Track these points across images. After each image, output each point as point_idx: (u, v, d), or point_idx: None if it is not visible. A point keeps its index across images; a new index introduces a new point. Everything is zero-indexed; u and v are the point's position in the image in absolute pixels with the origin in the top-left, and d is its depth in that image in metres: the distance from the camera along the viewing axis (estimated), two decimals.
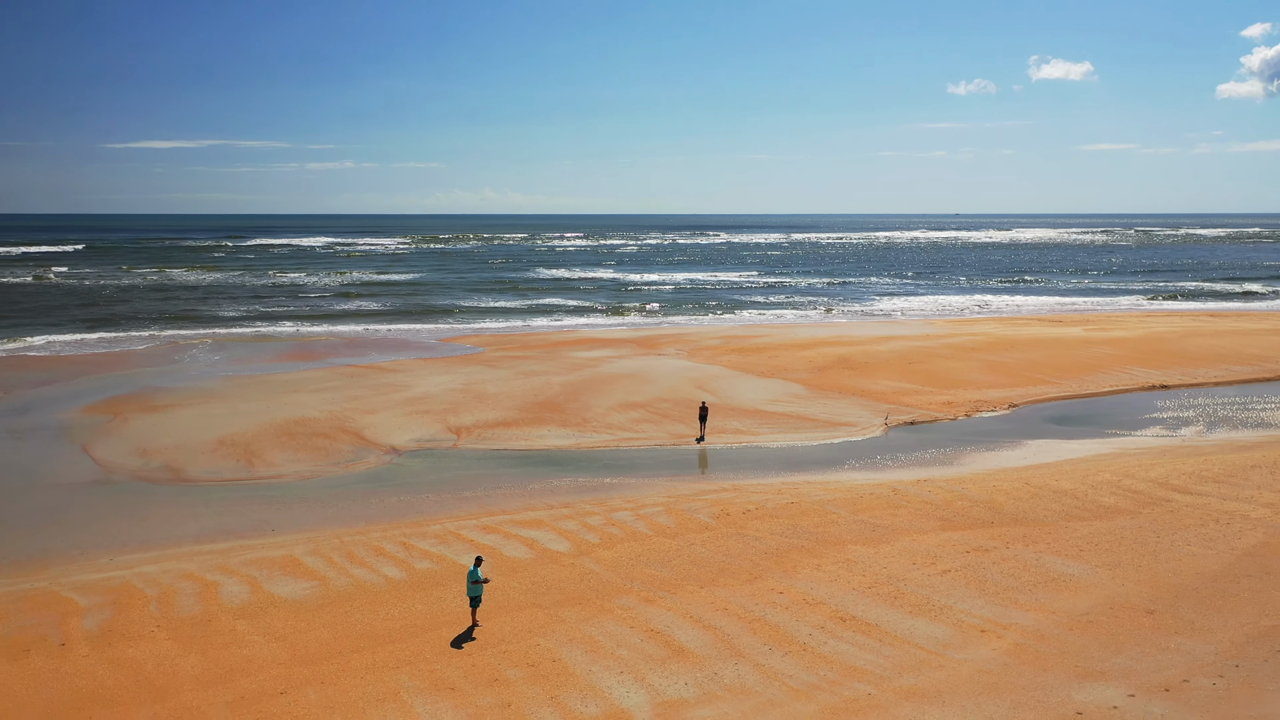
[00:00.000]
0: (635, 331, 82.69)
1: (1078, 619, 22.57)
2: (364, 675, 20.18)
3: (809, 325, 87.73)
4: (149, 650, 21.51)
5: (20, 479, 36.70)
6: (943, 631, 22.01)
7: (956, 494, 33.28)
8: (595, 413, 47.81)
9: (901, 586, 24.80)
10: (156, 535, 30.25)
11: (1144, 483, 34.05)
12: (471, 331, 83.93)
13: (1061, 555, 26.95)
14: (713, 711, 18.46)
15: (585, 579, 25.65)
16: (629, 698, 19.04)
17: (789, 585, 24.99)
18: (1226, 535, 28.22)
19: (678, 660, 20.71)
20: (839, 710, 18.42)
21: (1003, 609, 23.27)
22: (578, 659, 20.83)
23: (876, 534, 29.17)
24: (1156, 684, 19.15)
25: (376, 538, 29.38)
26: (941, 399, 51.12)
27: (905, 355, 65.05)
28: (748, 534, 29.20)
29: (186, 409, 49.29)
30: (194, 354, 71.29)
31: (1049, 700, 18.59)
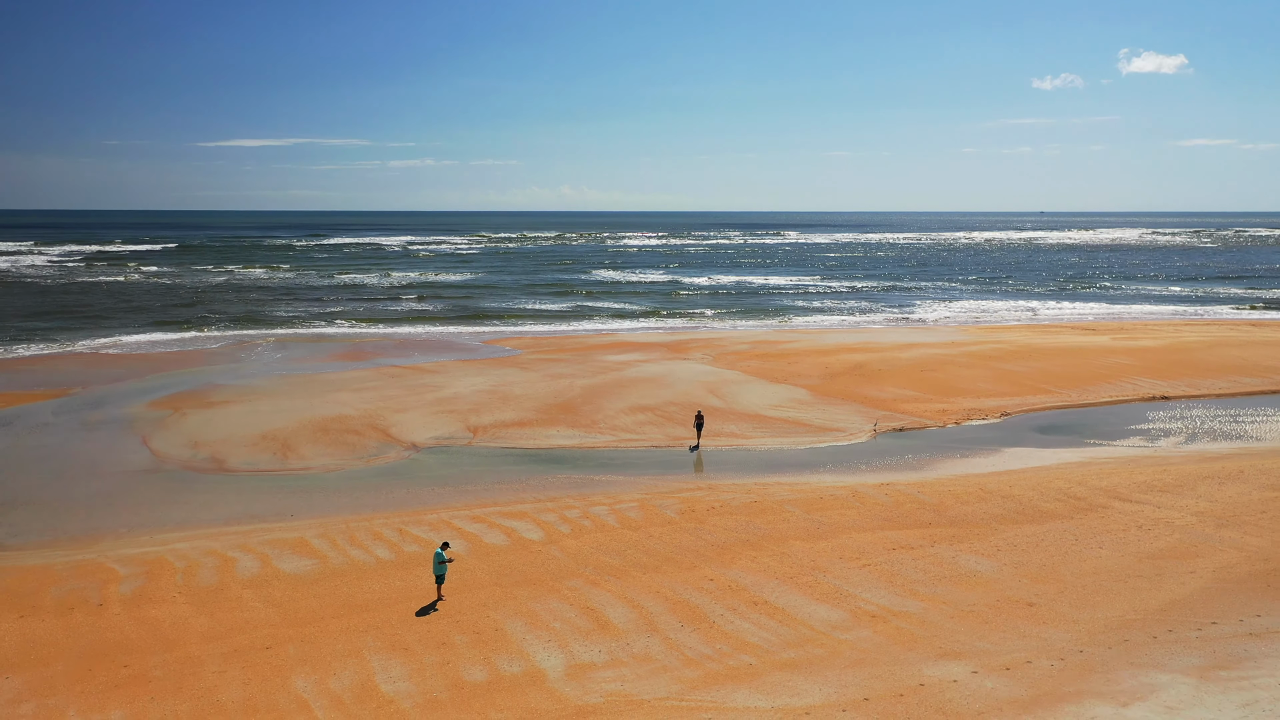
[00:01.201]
0: (672, 335, 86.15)
1: (962, 609, 25.58)
2: (336, 636, 24.25)
3: (840, 331, 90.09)
4: (168, 611, 25.92)
5: (86, 466, 41.85)
6: (838, 616, 25.23)
7: (910, 496, 36.18)
8: (605, 415, 51.47)
9: (819, 577, 28.02)
10: (193, 517, 34.88)
11: (1091, 490, 36.50)
12: (514, 334, 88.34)
13: (978, 554, 29.82)
14: (613, 673, 22.05)
15: (546, 564, 29.39)
16: (548, 660, 22.74)
17: (721, 574, 28.39)
18: (1140, 540, 30.75)
19: (600, 632, 24.34)
20: (719, 675, 21.86)
21: (900, 599, 26.36)
22: (517, 629, 24.60)
23: (820, 531, 32.33)
24: (1000, 664, 22.16)
25: (379, 524, 33.54)
26: (938, 406, 53.60)
27: (921, 363, 67.34)
28: (704, 528, 32.59)
29: (238, 405, 54.36)
30: (257, 353, 76.98)
31: (900, 674, 21.75)
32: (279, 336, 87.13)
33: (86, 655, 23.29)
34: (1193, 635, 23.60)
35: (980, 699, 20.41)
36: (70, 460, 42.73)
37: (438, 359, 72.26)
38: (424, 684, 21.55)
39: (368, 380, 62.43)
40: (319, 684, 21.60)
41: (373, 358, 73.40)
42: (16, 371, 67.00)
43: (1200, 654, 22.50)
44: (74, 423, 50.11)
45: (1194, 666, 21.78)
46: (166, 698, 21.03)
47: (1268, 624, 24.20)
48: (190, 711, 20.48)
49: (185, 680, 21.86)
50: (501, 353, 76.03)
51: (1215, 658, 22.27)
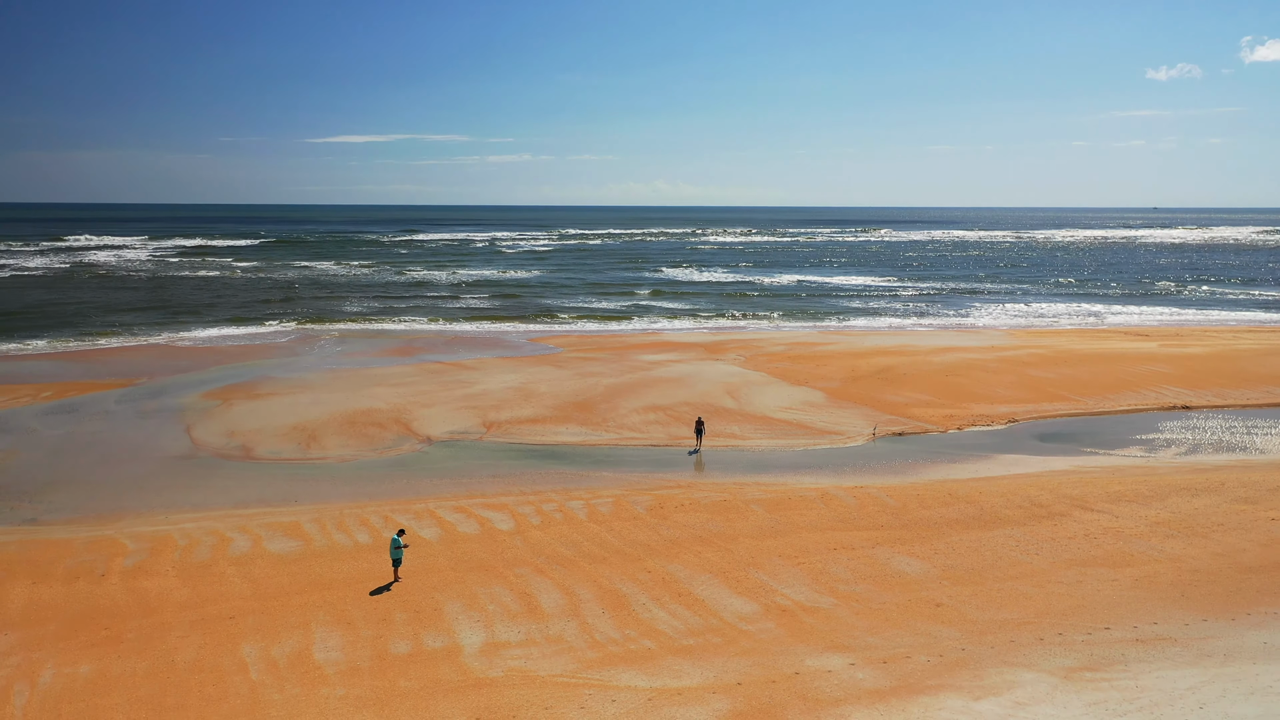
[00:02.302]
0: (715, 336, 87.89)
1: (871, 607, 27.16)
2: (294, 610, 27.16)
3: (883, 334, 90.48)
4: (157, 583, 29.23)
5: (130, 451, 46.00)
6: (751, 609, 27.08)
7: (876, 499, 37.58)
8: (619, 413, 53.73)
9: (750, 572, 29.85)
10: (209, 501, 38.42)
11: (1058, 498, 37.34)
12: (561, 333, 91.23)
13: (914, 556, 31.23)
14: (522, 652, 24.39)
15: (505, 552, 31.87)
16: (469, 638, 25.20)
17: (661, 566, 30.45)
18: (1079, 547, 31.70)
19: (527, 615, 26.71)
20: (616, 657, 24.00)
21: (817, 595, 28.05)
22: (454, 609, 27.14)
23: (774, 530, 34.06)
24: (880, 658, 23.78)
25: (369, 511, 36.50)
26: (947, 412, 54.38)
27: (950, 367, 67.80)
28: (665, 524, 34.64)
29: (282, 397, 58.34)
30: (318, 347, 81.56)
31: (782, 663, 23.56)
32: (342, 331, 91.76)
33: (76, 618, 26.66)
34: (1080, 639, 24.76)
35: (844, 688, 22.11)
36: (118, 445, 46.95)
37: (480, 356, 75.50)
38: (352, 654, 24.23)
39: (408, 376, 65.91)
40: (263, 650, 24.47)
41: (420, 353, 77.06)
42: (95, 362, 72.63)
43: (1077, 656, 23.70)
44: (131, 411, 54.64)
45: (1063, 667, 23.04)
46: (130, 656, 24.17)
47: (1160, 631, 25.19)
48: (146, 668, 23.54)
49: (151, 642, 25.00)
50: (543, 350, 78.91)
51: (1089, 660, 23.46)
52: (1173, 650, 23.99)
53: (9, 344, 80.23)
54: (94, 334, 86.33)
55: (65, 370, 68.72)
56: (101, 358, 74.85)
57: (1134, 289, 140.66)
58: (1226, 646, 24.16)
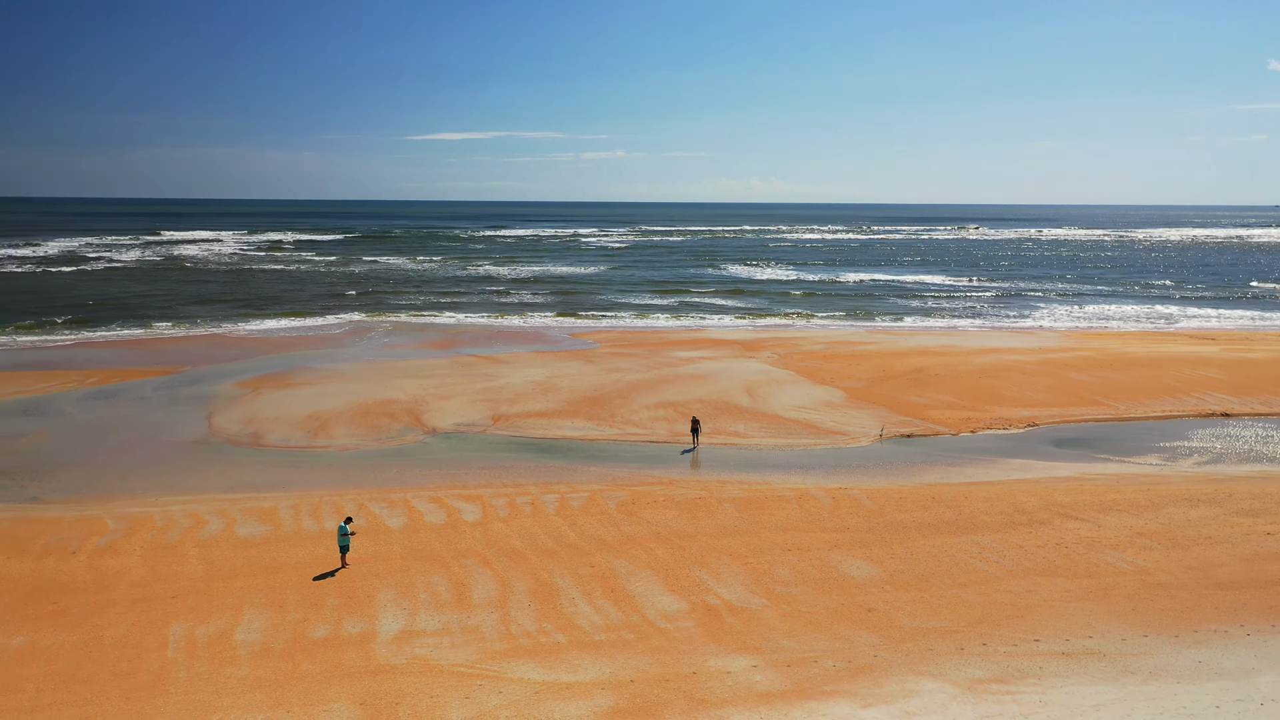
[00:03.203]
0: (757, 333, 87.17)
1: (800, 610, 26.70)
2: (235, 592, 27.99)
3: (930, 334, 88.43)
4: (121, 562, 30.44)
5: (149, 435, 47.93)
6: (677, 607, 26.89)
7: (855, 501, 36.87)
8: (630, 409, 53.76)
9: (694, 570, 29.62)
10: (204, 484, 39.80)
11: (1046, 505, 36.08)
12: (605, 328, 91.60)
13: (869, 560, 30.56)
14: (434, 640, 24.69)
15: (459, 542, 32.25)
16: (388, 625, 25.63)
17: (606, 562, 30.44)
18: (1046, 556, 30.61)
19: (454, 605, 27.01)
20: (522, 650, 24.12)
21: (750, 596, 27.69)
22: (387, 597, 27.61)
23: (737, 529, 33.71)
24: (786, 660, 23.38)
25: (348, 499, 37.33)
26: (965, 414, 52.95)
27: (986, 369, 66.00)
28: (630, 520, 34.59)
29: (310, 387, 59.99)
30: (367, 338, 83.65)
31: (684, 662, 23.36)
32: (393, 324, 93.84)
33: (32, 592, 27.97)
34: (1003, 650, 23.94)
35: (735, 690, 21.83)
36: (139, 429, 48.95)
37: (515, 350, 76.37)
38: (271, 636, 24.87)
39: (438, 368, 67.07)
40: (189, 630, 25.31)
41: (458, 347, 78.34)
42: (150, 350, 75.83)
43: (991, 668, 22.93)
44: (165, 397, 56.92)
45: (971, 679, 22.32)
46: (65, 630, 25.26)
47: (1091, 645, 24.18)
48: (74, 642, 24.59)
49: (90, 618, 26.09)
50: (580, 345, 79.39)
51: (1002, 672, 22.68)
52: (1096, 665, 23.00)
53: (79, 332, 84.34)
54: (158, 323, 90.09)
55: (119, 357, 71.89)
56: (158, 346, 78.07)
57: (1221, 291, 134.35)
58: (1155, 664, 23.06)
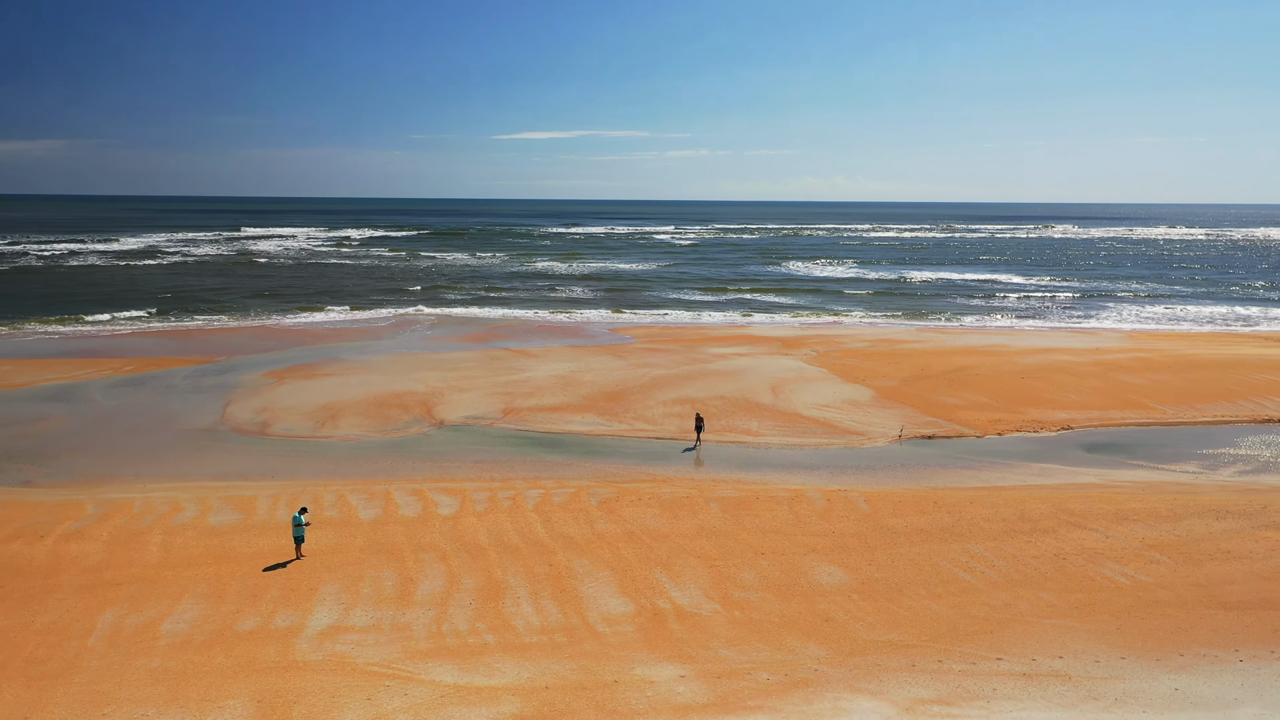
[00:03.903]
0: (800, 331, 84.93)
1: (753, 617, 25.06)
2: (181, 581, 27.50)
3: (983, 332, 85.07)
4: (83, 547, 30.26)
5: (160, 422, 48.27)
6: (624, 611, 25.50)
7: (850, 503, 34.97)
8: (645, 405, 52.40)
9: (654, 572, 28.18)
10: (195, 471, 39.72)
11: (1055, 513, 33.72)
12: (647, 323, 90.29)
13: (842, 566, 28.74)
14: (358, 638, 23.76)
15: (423, 536, 31.33)
16: (318, 620, 24.78)
17: (567, 560, 29.19)
18: (1038, 568, 28.41)
19: (395, 601, 26.06)
20: (445, 650, 23.02)
21: (704, 601, 26.14)
22: (330, 590, 26.80)
23: (715, 530, 32.15)
24: (718, 671, 21.83)
25: (331, 490, 36.77)
26: (996, 416, 50.34)
27: (1031, 370, 62.99)
28: (608, 518, 33.28)
29: (334, 377, 60.04)
30: (409, 330, 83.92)
31: (608, 670, 21.98)
32: (438, 317, 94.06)
33: None
34: (959, 668, 22.02)
35: (653, 702, 20.40)
36: (153, 417, 49.37)
37: (549, 344, 75.60)
38: (198, 628, 24.24)
39: (466, 361, 66.65)
40: (119, 618, 24.84)
41: (494, 340, 77.92)
42: (192, 339, 77.14)
43: (940, 687, 21.07)
44: (190, 386, 57.49)
45: (913, 699, 20.51)
46: (2, 616, 24.99)
47: (1059, 666, 22.09)
48: (8, 626, 24.30)
49: (29, 603, 25.82)
50: (616, 340, 78.25)
51: (950, 693, 20.80)
52: (1057, 689, 20.93)
53: (134, 323, 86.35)
54: (213, 314, 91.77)
55: (163, 346, 73.21)
56: (204, 336, 79.38)
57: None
58: (1125, 690, 20.88)
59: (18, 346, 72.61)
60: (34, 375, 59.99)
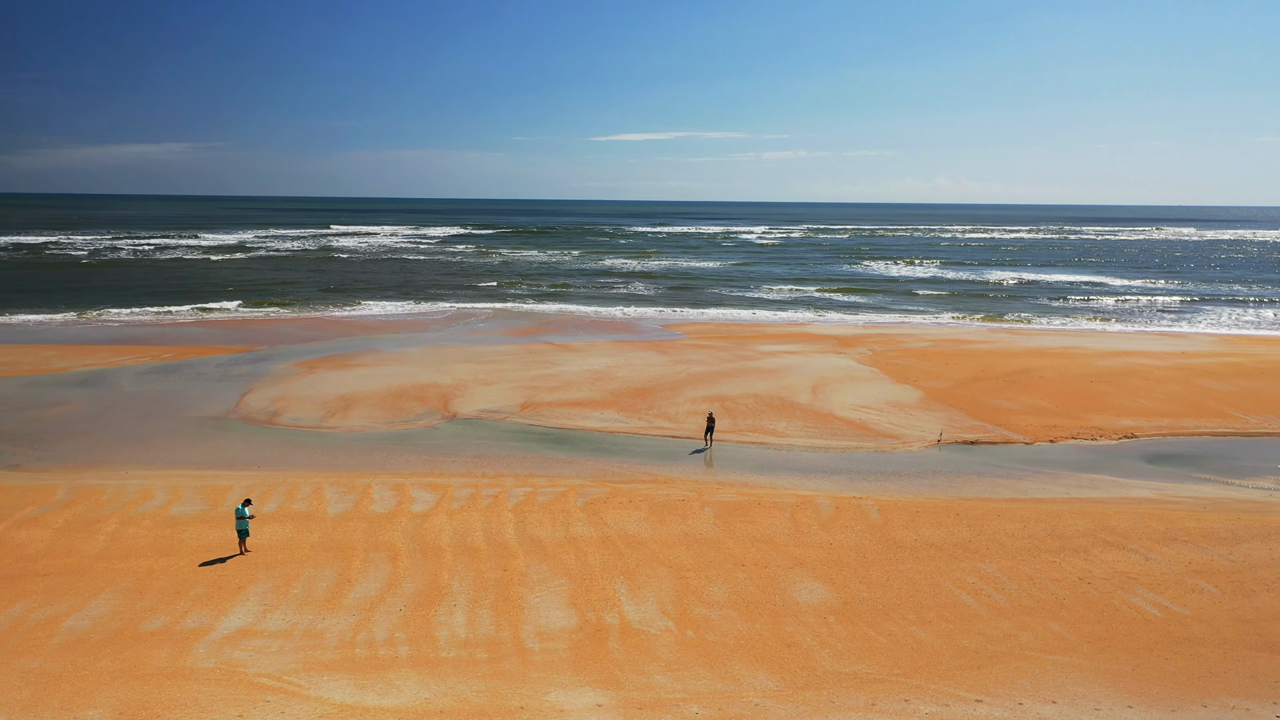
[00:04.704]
0: (861, 329, 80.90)
1: (707, 639, 22.13)
2: (110, 574, 25.83)
3: (1056, 334, 79.57)
4: (32, 534, 28.95)
5: (171, 409, 47.44)
6: (566, 625, 22.81)
7: (860, 512, 31.69)
8: (672, 403, 49.61)
9: (614, 582, 25.43)
10: (184, 459, 38.47)
11: (1089, 531, 29.86)
12: (702, 320, 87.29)
13: (828, 582, 25.57)
14: (262, 644, 21.61)
15: (383, 534, 29.16)
16: (230, 622, 22.74)
17: (524, 565, 26.65)
18: (1055, 593, 24.79)
19: (322, 604, 23.88)
20: (349, 662, 20.69)
21: (660, 616, 23.30)
22: (256, 590, 24.78)
23: (703, 537, 29.25)
24: (646, 701, 19.01)
25: (311, 481, 34.99)
26: (1051, 422, 46.06)
27: (1102, 374, 58.14)
28: (588, 521, 30.67)
29: (364, 368, 58.76)
30: (459, 323, 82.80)
31: (518, 693, 19.34)
32: (494, 311, 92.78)
33: None
34: (925, 710, 18.72)
35: None
36: (168, 404, 48.62)
37: (594, 338, 73.33)
38: (101, 626, 22.43)
39: (503, 354, 64.82)
40: (26, 612, 23.25)
41: (540, 334, 76.02)
42: (243, 328, 77.25)
43: None
44: (219, 374, 56.87)
45: None
46: None
47: (1046, 714, 18.59)
48: None
49: None
50: (665, 336, 75.59)
51: None
52: None
53: (193, 312, 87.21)
54: (269, 305, 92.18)
55: (209, 335, 73.32)
56: (254, 325, 79.45)
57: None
58: None
59: (76, 333, 73.59)
60: (75, 360, 60.24)
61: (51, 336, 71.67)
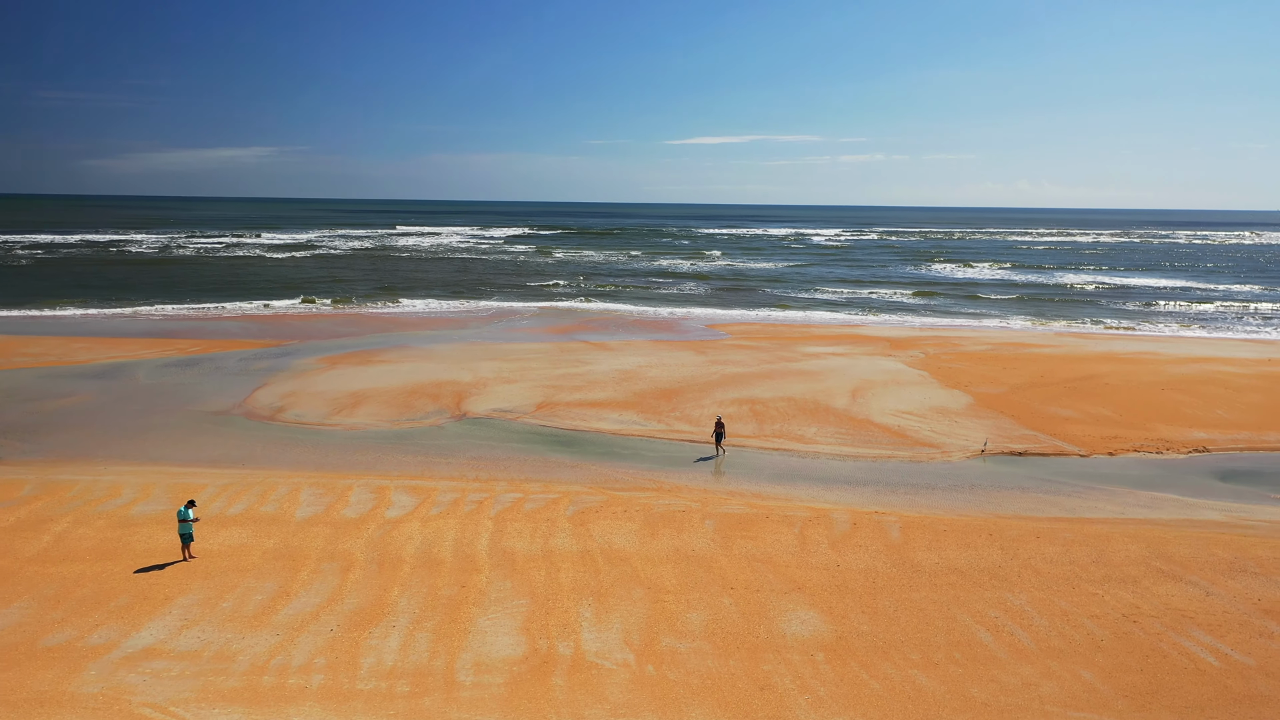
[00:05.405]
0: (916, 331, 76.69)
1: (670, 676, 19.06)
2: (37, 579, 23.73)
3: (1129, 338, 74.22)
4: None
5: (178, 404, 45.85)
6: (512, 654, 19.96)
7: (879, 530, 28.25)
8: (696, 405, 46.55)
9: (580, 604, 22.50)
10: (169, 456, 36.61)
11: (1142, 559, 26.02)
12: (749, 320, 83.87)
13: (825, 612, 22.25)
14: (165, 666, 19.18)
15: (344, 542, 26.68)
16: (141, 639, 20.36)
17: (485, 582, 23.90)
18: (1094, 631, 21.13)
19: (248, 621, 21.39)
20: (254, 692, 18.11)
21: (622, 648, 20.31)
22: (184, 602, 22.40)
23: (695, 554, 26.19)
24: None
25: (289, 482, 32.76)
26: (1112, 433, 41.82)
27: (1174, 381, 53.33)
28: (573, 532, 27.88)
29: (386, 365, 56.80)
30: (503, 320, 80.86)
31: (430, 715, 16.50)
32: (539, 309, 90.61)
33: None
34: None
35: None
36: (176, 398, 47.09)
37: (632, 337, 70.57)
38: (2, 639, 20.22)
39: (534, 352, 62.40)
40: None
41: (578, 332, 73.52)
42: (280, 323, 76.19)
43: None
44: (239, 368, 55.40)
45: None
46: None
47: None
48: None
49: None
50: (708, 335, 72.51)
51: None
52: None
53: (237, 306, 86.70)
54: (309, 301, 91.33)
55: (243, 329, 72.39)
56: (290, 320, 78.42)
57: None
58: None
59: (115, 326, 73.32)
60: (101, 353, 59.44)
61: (89, 329, 71.38)
